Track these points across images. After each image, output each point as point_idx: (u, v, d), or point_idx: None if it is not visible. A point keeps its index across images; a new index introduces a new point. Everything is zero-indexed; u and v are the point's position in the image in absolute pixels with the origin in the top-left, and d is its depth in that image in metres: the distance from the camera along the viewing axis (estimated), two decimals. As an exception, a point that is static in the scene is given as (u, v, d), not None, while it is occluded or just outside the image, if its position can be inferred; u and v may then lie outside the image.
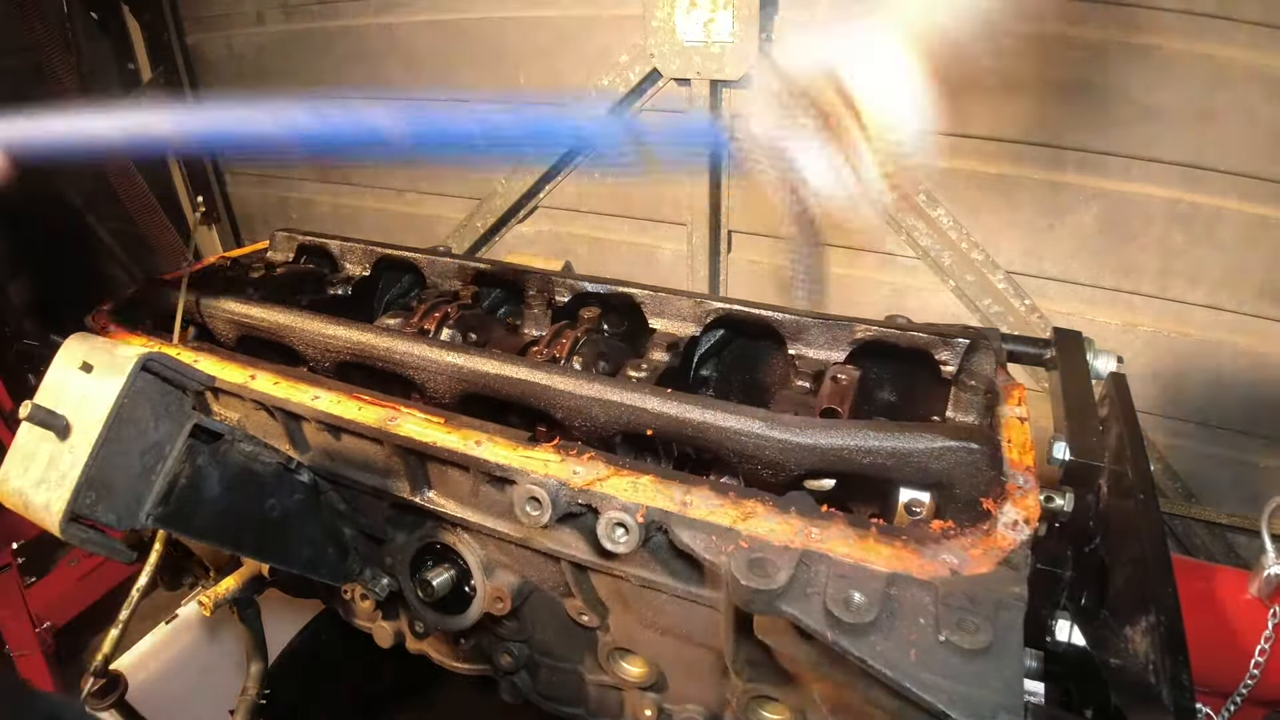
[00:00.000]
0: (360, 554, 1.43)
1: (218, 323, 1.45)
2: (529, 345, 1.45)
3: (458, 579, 1.27)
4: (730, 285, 3.10)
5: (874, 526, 0.91)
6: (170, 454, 1.07)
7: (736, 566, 0.85)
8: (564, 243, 3.41)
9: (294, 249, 1.79)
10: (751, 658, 1.09)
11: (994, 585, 0.83)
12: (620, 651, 1.27)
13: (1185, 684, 0.82)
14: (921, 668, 0.75)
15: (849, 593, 0.81)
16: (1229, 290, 2.30)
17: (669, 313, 1.45)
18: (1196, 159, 2.20)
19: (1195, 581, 1.98)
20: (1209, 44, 2.08)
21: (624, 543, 0.94)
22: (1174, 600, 0.88)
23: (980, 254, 2.58)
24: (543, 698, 1.45)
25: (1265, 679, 1.83)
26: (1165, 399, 2.48)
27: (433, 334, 1.45)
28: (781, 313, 1.37)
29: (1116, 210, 2.35)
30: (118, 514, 1.03)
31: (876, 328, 1.32)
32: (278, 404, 1.25)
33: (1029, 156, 2.41)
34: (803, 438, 0.99)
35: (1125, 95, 2.20)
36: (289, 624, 2.39)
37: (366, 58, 3.51)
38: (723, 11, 2.55)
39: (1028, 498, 0.94)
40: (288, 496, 1.28)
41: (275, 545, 1.29)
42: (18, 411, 1.01)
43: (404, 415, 1.16)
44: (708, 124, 1.05)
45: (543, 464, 1.03)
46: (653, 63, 2.73)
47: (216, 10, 3.91)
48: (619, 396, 1.08)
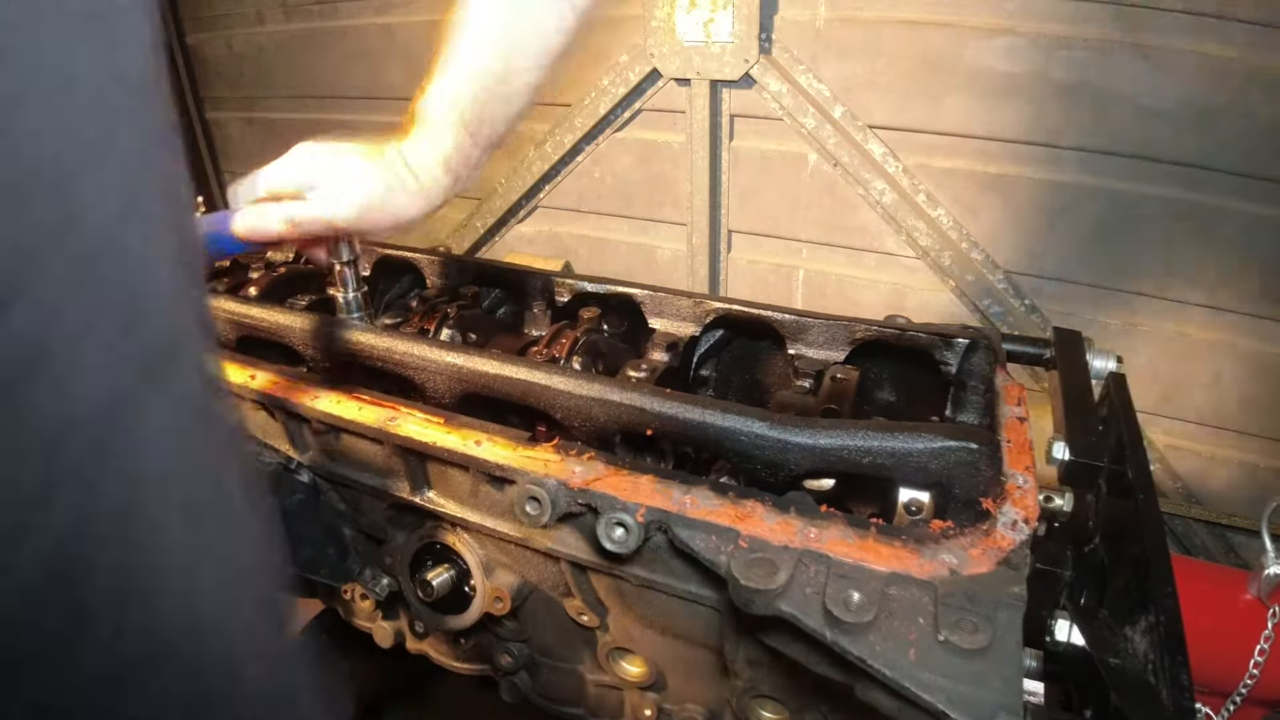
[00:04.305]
0: (360, 554, 1.43)
1: (218, 323, 1.45)
2: (529, 345, 1.45)
3: (457, 579, 1.27)
4: (730, 285, 3.10)
5: (873, 526, 0.91)
6: (170, 454, 1.06)
7: (736, 566, 0.85)
8: (564, 243, 3.41)
9: (294, 249, 1.79)
10: (751, 658, 1.09)
11: (993, 585, 0.83)
12: (620, 651, 1.27)
13: (1185, 684, 0.82)
14: (920, 667, 0.75)
15: (848, 592, 0.81)
16: (1229, 290, 2.30)
17: (669, 313, 1.46)
18: (1197, 159, 2.20)
19: (1195, 581, 1.98)
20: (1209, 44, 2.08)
21: (623, 542, 0.94)
22: (1173, 600, 0.88)
23: (980, 254, 2.58)
24: (542, 698, 1.45)
25: (1265, 679, 1.84)
26: (1165, 399, 2.48)
27: (433, 334, 1.45)
28: (781, 313, 1.37)
29: (1116, 210, 2.36)
30: (117, 514, 1.03)
31: (876, 328, 1.32)
32: (278, 404, 1.25)
33: (1029, 156, 2.42)
34: (802, 438, 0.99)
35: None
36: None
37: (366, 58, 3.51)
38: (723, 11, 2.55)
39: (1027, 498, 0.94)
40: (288, 496, 1.28)
41: (275, 545, 1.29)
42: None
43: (404, 415, 1.17)
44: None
45: (542, 464, 1.03)
46: (652, 63, 2.74)
47: (216, 10, 3.91)
48: (619, 396, 1.08)
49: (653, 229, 3.20)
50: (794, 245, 2.93)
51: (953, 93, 2.42)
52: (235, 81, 4.08)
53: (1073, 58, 2.23)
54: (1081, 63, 2.23)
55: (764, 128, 2.77)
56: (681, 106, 2.80)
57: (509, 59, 0.93)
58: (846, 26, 2.51)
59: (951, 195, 2.57)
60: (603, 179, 3.16)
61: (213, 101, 4.27)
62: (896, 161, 2.60)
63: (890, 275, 2.80)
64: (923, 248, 2.63)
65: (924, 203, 2.60)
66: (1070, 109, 2.29)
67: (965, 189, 2.54)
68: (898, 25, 2.43)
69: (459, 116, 0.97)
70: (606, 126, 3.01)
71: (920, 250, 2.65)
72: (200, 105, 4.28)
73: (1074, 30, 2.21)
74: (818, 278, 2.93)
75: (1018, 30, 2.28)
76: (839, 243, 2.83)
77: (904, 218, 2.60)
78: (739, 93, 2.73)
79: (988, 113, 2.40)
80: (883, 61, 2.49)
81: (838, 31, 2.53)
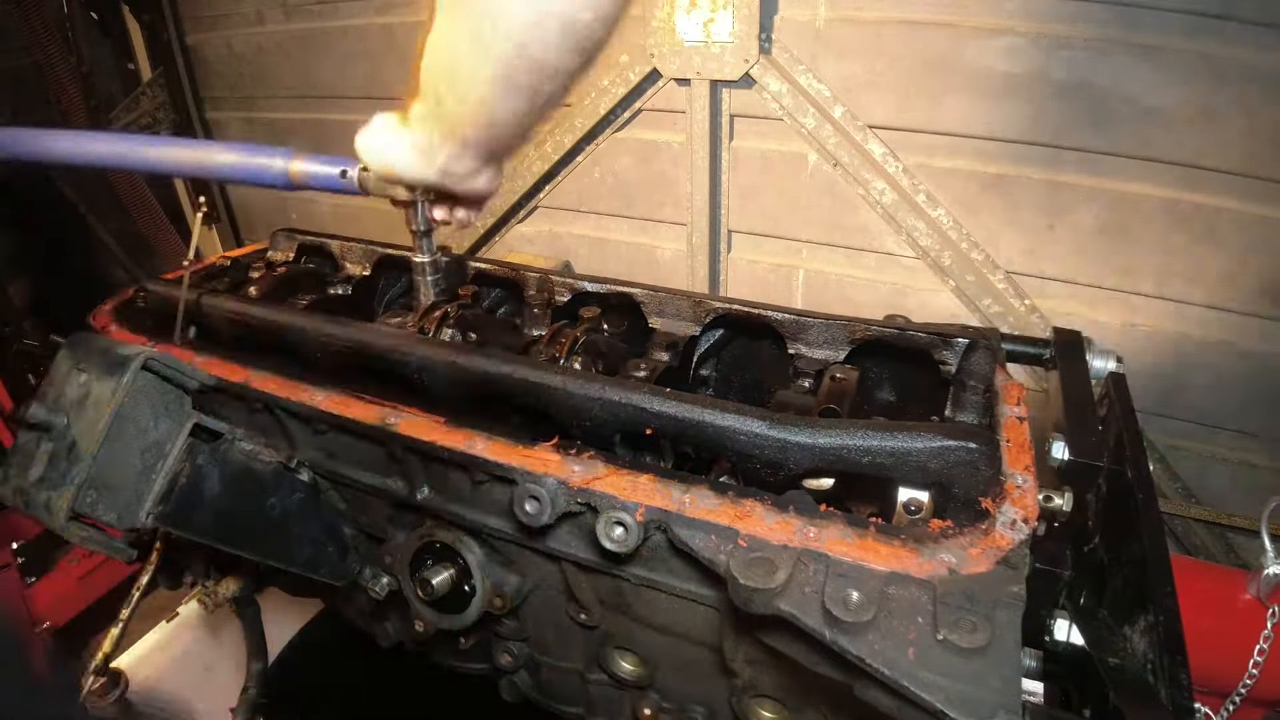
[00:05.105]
0: (360, 553, 1.43)
1: (218, 323, 1.45)
2: (529, 345, 1.45)
3: (457, 578, 1.27)
4: (730, 285, 3.10)
5: (872, 526, 0.91)
6: (170, 453, 1.07)
7: (735, 565, 0.85)
8: (564, 243, 3.41)
9: (294, 249, 1.79)
10: (751, 657, 1.09)
11: (992, 584, 0.83)
12: (620, 651, 1.27)
13: (1184, 683, 0.82)
14: (919, 666, 0.75)
15: (847, 591, 0.81)
16: (1229, 290, 2.30)
17: (669, 312, 1.46)
18: (1196, 159, 2.20)
19: (1194, 581, 1.98)
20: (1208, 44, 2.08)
21: (623, 541, 0.94)
22: (1173, 600, 0.88)
23: (980, 254, 2.58)
24: (542, 697, 1.45)
25: (1264, 679, 1.83)
26: (1165, 399, 2.48)
27: (433, 334, 1.45)
28: (781, 312, 1.37)
29: (1116, 210, 2.36)
30: (118, 513, 1.03)
31: (876, 328, 1.32)
32: (278, 404, 1.25)
33: (1029, 157, 2.42)
34: (801, 437, 0.99)
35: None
36: (289, 624, 2.39)
37: (366, 58, 3.51)
38: (723, 11, 2.55)
39: (1026, 497, 0.94)
40: (288, 496, 1.28)
41: (275, 545, 1.30)
42: (18, 411, 1.02)
43: (404, 415, 1.17)
44: None
45: (542, 463, 1.03)
46: (652, 63, 2.74)
47: (216, 10, 3.91)
48: (618, 396, 1.08)
49: (653, 229, 3.20)
50: (794, 245, 2.93)
51: (953, 93, 2.42)
52: (235, 81, 4.08)
53: (1073, 58, 2.23)
54: (1081, 63, 2.23)
55: (764, 128, 2.77)
56: (681, 106, 2.80)
57: (453, 44, 0.95)
58: (846, 26, 2.51)
59: (951, 195, 2.57)
60: (603, 179, 3.16)
61: (213, 101, 4.27)
62: (896, 161, 2.60)
63: (890, 275, 2.80)
64: (923, 248, 2.63)
65: (924, 203, 2.60)
66: (1070, 109, 2.29)
67: (965, 189, 2.54)
68: (898, 25, 2.43)
69: (426, 86, 1.01)
70: (607, 126, 3.01)
71: (920, 250, 2.65)
72: (200, 105, 4.29)
73: (1074, 30, 2.21)
74: (818, 278, 2.93)
75: (1018, 30, 2.28)
76: (839, 243, 2.83)
77: (904, 218, 2.60)
78: (739, 93, 2.74)
79: (988, 113, 2.40)
80: (883, 61, 2.49)
81: (838, 31, 2.53)
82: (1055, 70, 2.27)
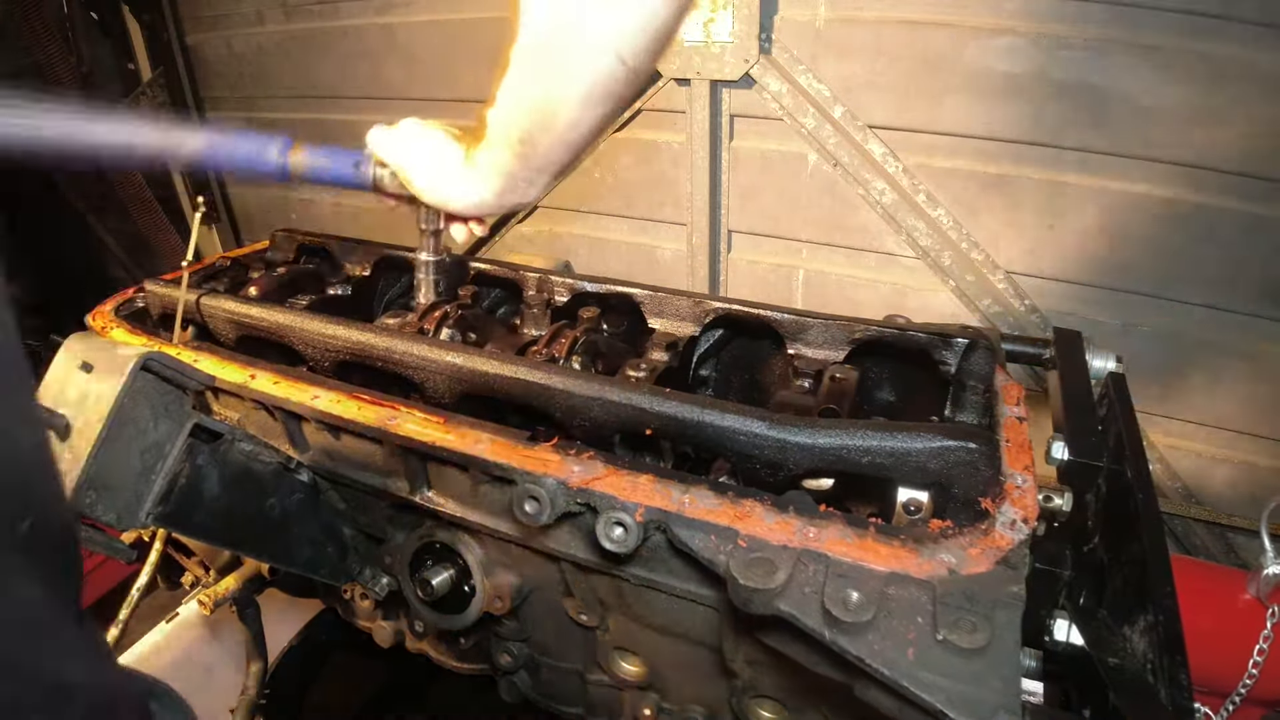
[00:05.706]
0: (360, 553, 1.43)
1: (218, 322, 1.45)
2: (528, 345, 1.45)
3: (457, 578, 1.27)
4: (730, 285, 3.10)
5: (872, 526, 0.91)
6: (170, 453, 1.07)
7: (735, 566, 0.85)
8: (564, 243, 3.41)
9: (294, 249, 1.79)
10: (751, 658, 1.09)
11: (992, 584, 0.83)
12: (620, 651, 1.28)
13: (1184, 683, 0.82)
14: (919, 667, 0.75)
15: (847, 592, 0.81)
16: (1229, 290, 2.30)
17: (668, 313, 1.46)
18: (1197, 159, 2.20)
19: (1194, 581, 1.98)
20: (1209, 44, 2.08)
21: (622, 542, 0.94)
22: (1172, 600, 0.88)
23: (980, 254, 2.58)
24: (542, 697, 1.45)
25: (1264, 679, 1.84)
26: (1165, 399, 2.48)
27: (432, 334, 1.45)
28: (781, 312, 1.37)
29: (1117, 210, 2.36)
30: (118, 513, 1.03)
31: (876, 328, 1.32)
32: (278, 404, 1.25)
33: (1029, 157, 2.42)
34: (801, 437, 0.99)
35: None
36: (289, 624, 2.39)
37: (366, 58, 3.51)
38: (723, 11, 2.55)
39: (1026, 497, 0.94)
40: (288, 496, 1.28)
41: (275, 545, 1.30)
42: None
43: (404, 415, 1.17)
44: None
45: (541, 463, 1.03)
46: (652, 63, 2.73)
47: (216, 10, 3.91)
48: (618, 396, 1.08)
49: (653, 229, 3.20)
50: (794, 245, 2.93)
51: (953, 93, 2.42)
52: (235, 82, 4.08)
53: (1073, 58, 2.23)
54: (1081, 63, 2.23)
55: (764, 128, 2.77)
56: (681, 106, 2.80)
57: (550, 94, 0.92)
58: (846, 26, 2.51)
59: (951, 195, 2.57)
60: (603, 179, 3.16)
61: (213, 101, 4.27)
62: (896, 161, 2.60)
63: (890, 275, 2.80)
64: (923, 248, 2.63)
65: (924, 203, 2.60)
66: (1070, 109, 2.29)
67: (965, 189, 2.54)
68: (898, 25, 2.43)
69: (506, 136, 0.99)
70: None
71: (920, 250, 2.64)
72: (200, 105, 4.29)
73: (1074, 30, 2.21)
74: (818, 278, 2.93)
75: (1018, 30, 2.28)
76: (839, 243, 2.83)
77: (904, 218, 2.60)
78: (739, 93, 2.73)
79: (988, 113, 2.40)
80: (883, 61, 2.49)
81: (838, 31, 2.53)
82: (1055, 70, 2.27)
